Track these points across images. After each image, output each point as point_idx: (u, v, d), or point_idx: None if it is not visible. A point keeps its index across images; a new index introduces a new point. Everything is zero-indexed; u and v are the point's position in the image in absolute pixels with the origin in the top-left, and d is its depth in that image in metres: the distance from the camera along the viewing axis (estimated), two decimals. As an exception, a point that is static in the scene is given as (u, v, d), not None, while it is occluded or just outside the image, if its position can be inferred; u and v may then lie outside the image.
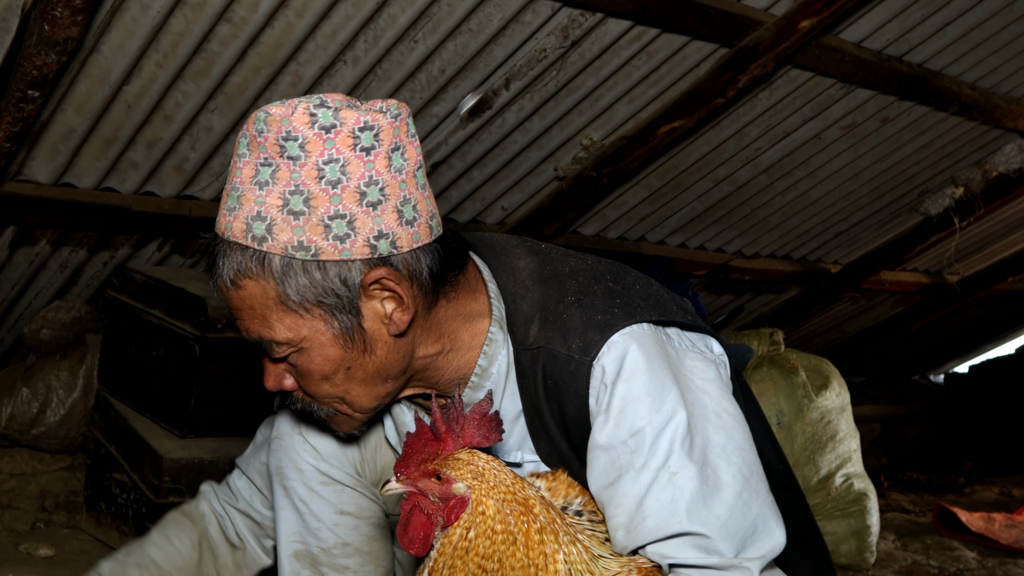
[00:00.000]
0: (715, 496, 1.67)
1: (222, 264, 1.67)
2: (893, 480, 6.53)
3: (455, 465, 1.55)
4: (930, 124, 4.75)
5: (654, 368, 1.71)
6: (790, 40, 3.64)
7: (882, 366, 7.72)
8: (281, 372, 1.77)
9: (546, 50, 3.48)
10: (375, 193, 1.62)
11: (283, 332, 1.68)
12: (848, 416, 4.18)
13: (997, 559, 4.50)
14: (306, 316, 1.66)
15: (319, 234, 1.61)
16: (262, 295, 1.65)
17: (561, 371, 1.75)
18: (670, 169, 4.49)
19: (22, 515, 3.72)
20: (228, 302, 1.70)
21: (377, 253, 1.64)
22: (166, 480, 3.21)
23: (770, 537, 1.70)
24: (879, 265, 5.90)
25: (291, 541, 2.06)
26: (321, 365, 1.71)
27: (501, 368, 1.83)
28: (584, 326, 1.75)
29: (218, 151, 3.45)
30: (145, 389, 3.51)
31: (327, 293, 1.65)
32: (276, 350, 1.71)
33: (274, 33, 3.06)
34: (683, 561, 1.65)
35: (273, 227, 1.60)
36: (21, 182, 3.29)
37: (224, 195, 1.67)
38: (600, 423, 1.71)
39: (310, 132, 1.59)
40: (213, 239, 1.71)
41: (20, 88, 2.68)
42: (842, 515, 4.03)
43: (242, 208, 1.62)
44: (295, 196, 1.59)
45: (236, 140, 1.67)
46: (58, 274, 3.78)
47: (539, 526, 1.54)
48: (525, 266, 1.88)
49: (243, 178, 1.62)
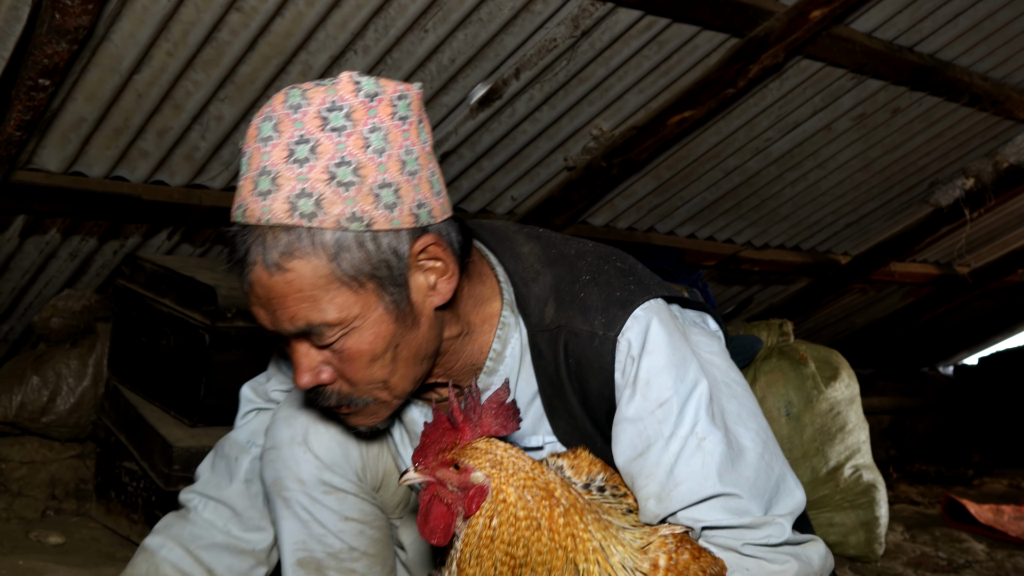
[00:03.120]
0: (740, 459, 1.72)
1: (260, 251, 1.60)
2: (902, 472, 6.53)
3: (473, 454, 1.55)
4: (941, 115, 4.73)
5: (674, 340, 1.76)
6: (801, 30, 3.62)
7: (891, 358, 7.71)
8: (319, 364, 1.70)
9: (556, 40, 3.47)
10: (412, 163, 1.63)
11: (335, 311, 1.63)
12: (857, 407, 4.17)
13: (1006, 551, 4.49)
14: (360, 291, 1.63)
15: (370, 204, 1.59)
16: (313, 274, 1.60)
17: (584, 348, 1.77)
18: (680, 159, 4.48)
19: (32, 503, 3.73)
20: (268, 292, 1.62)
21: (419, 222, 1.64)
22: (176, 468, 3.21)
23: (792, 496, 1.76)
24: (889, 256, 5.88)
25: (295, 550, 2.04)
26: (373, 344, 1.67)
27: (515, 351, 1.85)
28: (604, 303, 1.78)
29: (228, 140, 3.46)
30: (155, 378, 3.51)
31: (380, 265, 1.63)
32: (326, 334, 1.65)
33: (284, 22, 3.06)
34: (715, 523, 1.69)
35: (322, 201, 1.57)
36: (32, 171, 3.30)
37: (246, 183, 1.62)
38: (627, 396, 1.75)
39: (356, 100, 1.59)
40: (240, 230, 1.63)
41: (31, 77, 2.68)
42: (851, 506, 4.02)
43: (281, 189, 1.57)
44: (343, 167, 1.57)
45: (252, 128, 1.63)
46: (68, 263, 3.79)
47: (562, 509, 1.55)
48: (530, 251, 1.90)
49: (274, 160, 1.58)
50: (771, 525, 1.70)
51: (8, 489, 3.73)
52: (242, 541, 2.16)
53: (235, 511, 2.17)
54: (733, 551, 1.69)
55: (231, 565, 2.15)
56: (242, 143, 1.66)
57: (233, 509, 2.17)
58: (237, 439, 2.21)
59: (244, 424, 2.23)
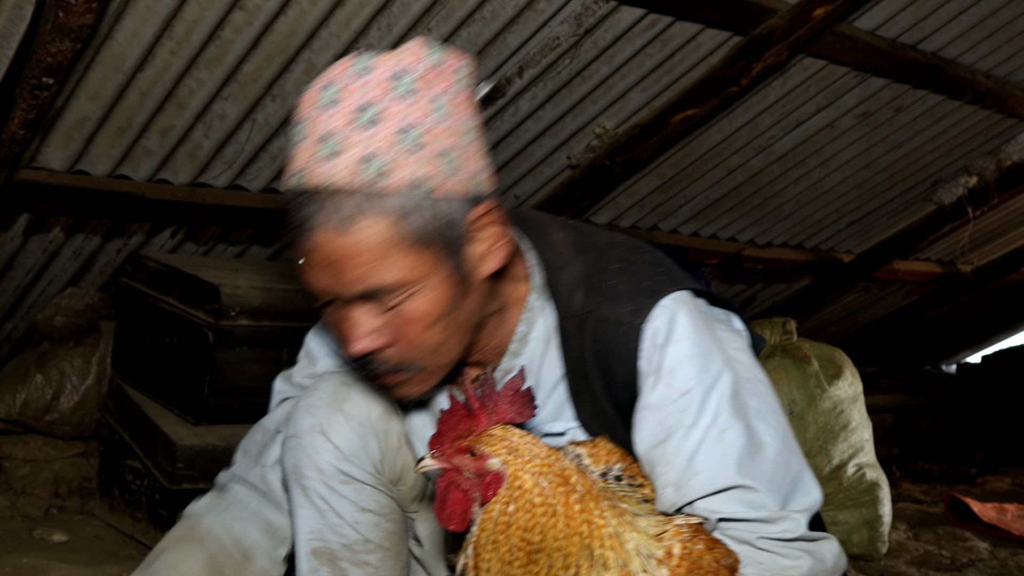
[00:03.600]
0: (759, 453, 1.74)
1: (327, 215, 1.62)
2: (905, 470, 6.52)
3: (489, 441, 1.57)
4: (944, 113, 4.73)
5: (700, 332, 1.78)
6: (804, 28, 3.62)
7: (894, 356, 7.70)
8: (374, 330, 1.71)
9: (559, 38, 3.47)
10: (470, 132, 1.68)
11: (400, 273, 1.65)
12: (860, 406, 4.17)
13: (1009, 549, 4.49)
14: (423, 254, 1.66)
15: (434, 169, 1.62)
16: (378, 237, 1.62)
17: (611, 335, 1.80)
18: (683, 158, 4.48)
19: (36, 501, 3.73)
20: (333, 255, 1.64)
21: (476, 191, 1.69)
22: (179, 467, 3.22)
23: (808, 494, 1.77)
24: (892, 254, 5.88)
25: (310, 539, 2.05)
26: (432, 307, 1.70)
27: (540, 335, 1.88)
28: (633, 292, 1.81)
29: (232, 139, 3.46)
30: (158, 376, 3.52)
31: (442, 229, 1.66)
32: (389, 296, 1.67)
33: (288, 21, 3.06)
34: (732, 515, 1.70)
35: (389, 165, 1.60)
36: (35, 169, 3.30)
37: (304, 149, 1.63)
38: (651, 384, 1.77)
39: (421, 68, 1.63)
40: (300, 196, 1.65)
41: (35, 75, 2.68)
42: (854, 505, 4.02)
43: (346, 153, 1.59)
44: (408, 132, 1.60)
45: (308, 97, 1.65)
46: (72, 261, 3.79)
47: (578, 496, 1.56)
48: (562, 238, 1.93)
49: (338, 125, 1.60)
50: (787, 520, 1.71)
51: (12, 487, 3.74)
52: (270, 521, 2.18)
53: (264, 493, 2.19)
54: (748, 544, 1.70)
55: (258, 541, 2.17)
56: (295, 114, 1.67)
57: (263, 492, 2.19)
58: (267, 426, 2.24)
59: (274, 413, 2.26)
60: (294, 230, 1.67)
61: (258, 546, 2.17)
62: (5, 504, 3.64)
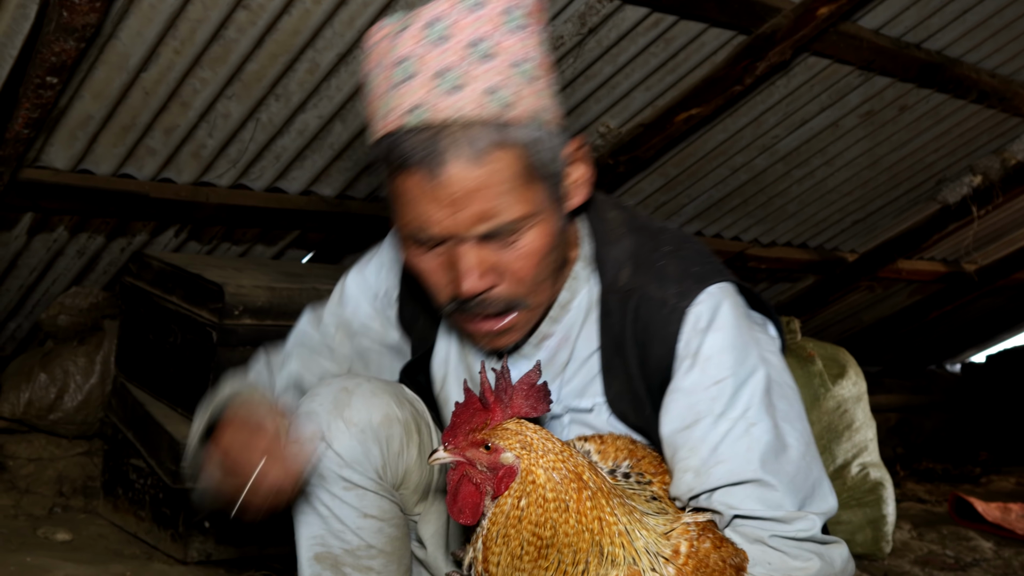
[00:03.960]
0: (783, 454, 1.74)
1: (457, 147, 1.60)
2: (909, 470, 6.52)
3: (503, 435, 1.57)
4: (948, 112, 4.72)
5: (740, 325, 1.80)
6: (808, 27, 3.62)
7: (898, 355, 7.69)
8: (487, 268, 1.70)
9: (563, 37, 3.47)
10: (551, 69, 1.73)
11: (522, 207, 1.66)
12: (864, 405, 4.17)
13: (1013, 549, 4.49)
14: (540, 187, 1.68)
15: (546, 101, 1.67)
16: (507, 169, 1.63)
17: (654, 314, 1.80)
18: (687, 157, 4.48)
19: (40, 500, 3.74)
20: (460, 189, 1.62)
21: (562, 127, 1.72)
22: (183, 466, 3.22)
23: (825, 501, 1.78)
24: (896, 254, 5.87)
25: (312, 544, 2.03)
26: (545, 241, 1.71)
27: (582, 304, 1.89)
28: (681, 275, 1.82)
29: (235, 138, 3.46)
30: (162, 375, 3.52)
31: (554, 162, 1.69)
32: (511, 230, 1.67)
33: (291, 20, 3.06)
34: (748, 512, 1.70)
35: (513, 96, 1.62)
36: (39, 168, 3.30)
37: (420, 85, 1.61)
38: (686, 367, 1.77)
39: (528, 1, 1.66)
40: (422, 131, 1.62)
41: (39, 74, 2.69)
42: (858, 504, 4.02)
43: (468, 86, 1.60)
44: (526, 64, 1.63)
45: (410, 36, 1.63)
46: (75, 260, 3.79)
47: (590, 492, 1.56)
48: (615, 216, 1.94)
49: (454, 61, 1.60)
50: (802, 520, 1.71)
51: (16, 486, 3.74)
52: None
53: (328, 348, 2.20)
54: (760, 542, 1.70)
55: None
56: (388, 58, 1.65)
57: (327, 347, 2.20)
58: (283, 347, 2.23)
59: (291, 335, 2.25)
60: (409, 169, 1.64)
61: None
62: (9, 503, 3.64)
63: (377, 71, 1.67)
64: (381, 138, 1.67)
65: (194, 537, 3.27)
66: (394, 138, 1.64)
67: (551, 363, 1.92)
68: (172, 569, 3.21)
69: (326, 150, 3.66)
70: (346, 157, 3.74)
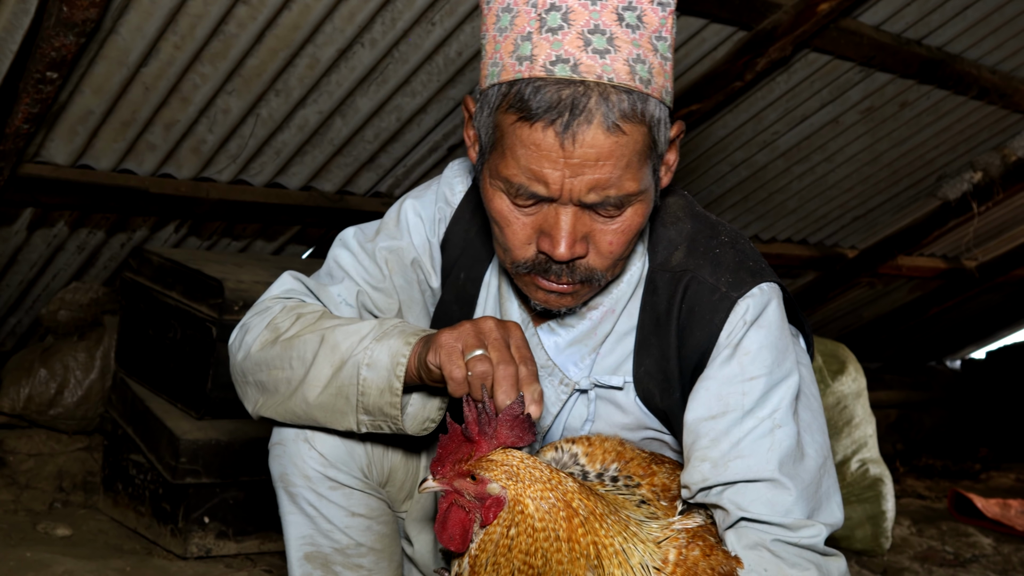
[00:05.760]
0: (802, 461, 1.75)
1: (602, 108, 1.56)
2: (909, 466, 6.52)
3: (489, 466, 1.55)
4: (949, 108, 4.72)
5: (783, 328, 1.80)
6: (808, 23, 3.62)
7: (898, 352, 7.70)
8: (582, 236, 1.67)
9: (563, 33, 3.46)
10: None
11: (635, 183, 1.63)
12: (864, 401, 4.17)
13: (1013, 545, 4.49)
14: (651, 165, 1.67)
15: (670, 82, 1.65)
16: (635, 143, 1.60)
17: (703, 298, 1.80)
18: (687, 153, 4.47)
19: (40, 495, 3.74)
20: (590, 152, 1.57)
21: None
22: (183, 461, 3.22)
23: (833, 514, 1.78)
24: (896, 250, 5.87)
25: (301, 544, 2.03)
26: (641, 220, 1.70)
27: (632, 279, 1.88)
28: (736, 266, 1.82)
29: (235, 133, 3.46)
30: (162, 370, 3.52)
31: (665, 143, 1.68)
32: (617, 204, 1.64)
33: (291, 15, 3.06)
34: (755, 516, 1.70)
35: (653, 70, 1.60)
36: (39, 164, 3.30)
37: (570, 38, 1.56)
38: (724, 357, 1.77)
39: None
40: (570, 83, 1.56)
41: (39, 70, 2.69)
42: (857, 500, 4.02)
43: (619, 51, 1.57)
44: (662, 41, 1.61)
45: None
46: (76, 256, 3.79)
47: (581, 519, 1.55)
48: (674, 201, 1.94)
49: (606, 20, 1.57)
50: (809, 527, 1.71)
51: (16, 481, 3.74)
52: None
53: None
54: (760, 547, 1.70)
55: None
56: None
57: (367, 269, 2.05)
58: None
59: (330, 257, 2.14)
60: (542, 119, 1.57)
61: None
62: (9, 498, 3.65)
63: (524, 7, 1.61)
64: (513, 80, 1.60)
65: (193, 533, 3.27)
66: (533, 85, 1.58)
67: (591, 335, 1.91)
68: (172, 564, 3.21)
69: (326, 145, 3.66)
70: (346, 153, 3.74)
